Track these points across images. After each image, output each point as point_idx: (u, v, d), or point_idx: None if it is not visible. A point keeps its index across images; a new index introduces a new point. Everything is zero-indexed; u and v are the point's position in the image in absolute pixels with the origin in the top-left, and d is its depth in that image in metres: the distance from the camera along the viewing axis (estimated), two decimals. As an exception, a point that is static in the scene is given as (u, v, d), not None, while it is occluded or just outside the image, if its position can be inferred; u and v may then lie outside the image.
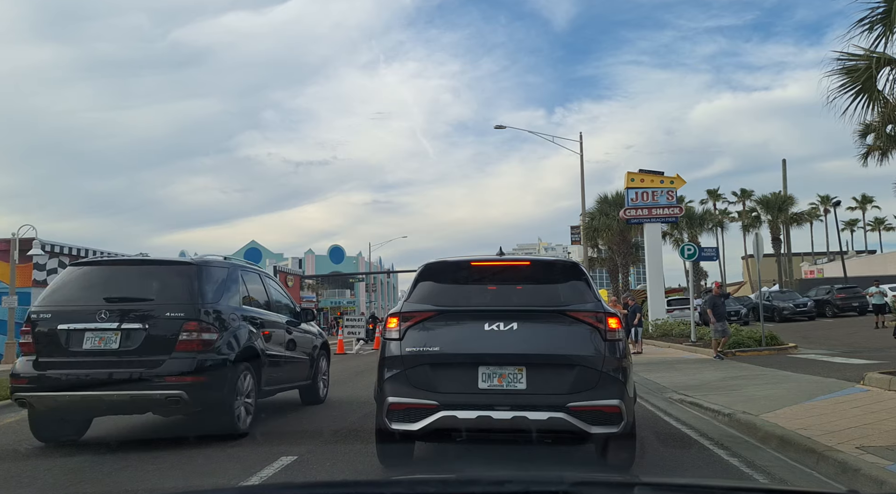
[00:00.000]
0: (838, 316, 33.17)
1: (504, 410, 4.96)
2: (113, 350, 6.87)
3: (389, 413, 5.14)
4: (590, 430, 4.92)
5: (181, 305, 7.05)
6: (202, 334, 6.99)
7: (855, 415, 7.29)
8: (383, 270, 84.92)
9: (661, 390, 10.97)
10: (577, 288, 5.53)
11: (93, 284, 7.38)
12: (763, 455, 6.13)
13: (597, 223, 40.19)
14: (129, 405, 7.02)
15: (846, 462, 5.19)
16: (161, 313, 7.00)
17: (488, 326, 5.16)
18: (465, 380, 5.09)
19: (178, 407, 6.97)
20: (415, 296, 5.56)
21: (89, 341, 6.91)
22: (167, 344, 6.88)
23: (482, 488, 1.91)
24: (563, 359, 5.10)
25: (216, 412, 7.14)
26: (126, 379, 6.78)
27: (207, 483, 5.54)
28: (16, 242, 27.06)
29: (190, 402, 6.80)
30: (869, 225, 75.96)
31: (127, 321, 6.91)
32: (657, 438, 7.22)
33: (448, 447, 6.25)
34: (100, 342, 6.90)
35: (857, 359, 14.20)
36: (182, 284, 7.31)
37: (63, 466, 6.27)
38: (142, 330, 6.90)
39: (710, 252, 24.56)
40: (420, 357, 5.16)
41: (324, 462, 6.19)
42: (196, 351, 6.92)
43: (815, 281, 50.61)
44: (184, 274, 7.43)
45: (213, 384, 6.99)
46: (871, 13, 9.09)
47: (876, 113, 10.10)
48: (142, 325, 6.90)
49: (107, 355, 6.86)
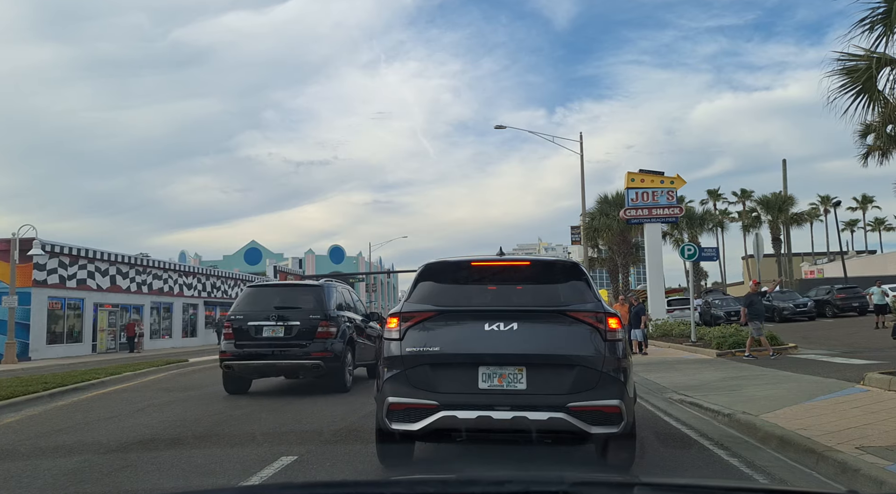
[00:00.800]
0: (838, 317, 33.13)
1: (504, 410, 4.96)
2: (280, 337, 11.31)
3: (389, 413, 5.13)
4: (590, 430, 4.90)
5: (317, 310, 11.44)
6: (329, 328, 11.36)
7: (855, 415, 7.29)
8: (383, 270, 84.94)
9: (661, 390, 10.97)
10: (578, 289, 5.53)
11: (266, 298, 12.04)
12: (763, 456, 6.13)
13: (597, 223, 40.20)
14: (288, 369, 11.54)
15: (846, 463, 5.18)
16: (306, 315, 11.37)
17: (488, 326, 5.16)
18: (465, 380, 5.08)
19: (316, 371, 11.27)
20: (415, 296, 5.57)
21: (266, 331, 11.36)
22: (310, 334, 11.26)
23: (482, 488, 1.91)
24: (563, 359, 5.08)
25: (336, 375, 11.32)
26: (288, 354, 11.24)
27: (207, 483, 5.53)
28: (16, 242, 27.05)
29: (324, 368, 11.16)
30: (869, 225, 76.00)
31: (287, 320, 11.36)
32: (657, 438, 7.22)
33: (448, 447, 6.25)
34: (272, 332, 11.35)
35: (857, 360, 14.20)
36: (315, 297, 11.71)
37: (63, 466, 6.28)
38: (296, 325, 11.31)
39: (711, 252, 24.55)
40: (420, 357, 5.15)
41: (324, 462, 6.20)
42: (326, 338, 11.31)
43: (815, 281, 50.58)
44: (315, 291, 11.99)
45: (335, 358, 11.28)
46: (871, 13, 9.09)
47: (876, 113, 10.10)
48: (296, 322, 11.32)
49: (276, 340, 11.30)
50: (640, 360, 15.96)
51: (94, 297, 34.96)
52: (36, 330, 30.61)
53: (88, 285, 34.64)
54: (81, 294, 34.08)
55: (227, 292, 50.09)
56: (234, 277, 51.94)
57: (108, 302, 35.98)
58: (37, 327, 30.71)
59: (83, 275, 34.35)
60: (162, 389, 13.28)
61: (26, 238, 27.38)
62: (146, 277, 39.91)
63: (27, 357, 29.05)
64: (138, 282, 38.86)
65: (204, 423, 8.65)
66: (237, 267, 64.32)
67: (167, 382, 14.92)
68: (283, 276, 61.14)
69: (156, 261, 41.48)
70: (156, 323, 41.17)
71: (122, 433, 8.02)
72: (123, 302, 37.34)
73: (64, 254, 33.03)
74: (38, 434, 8.31)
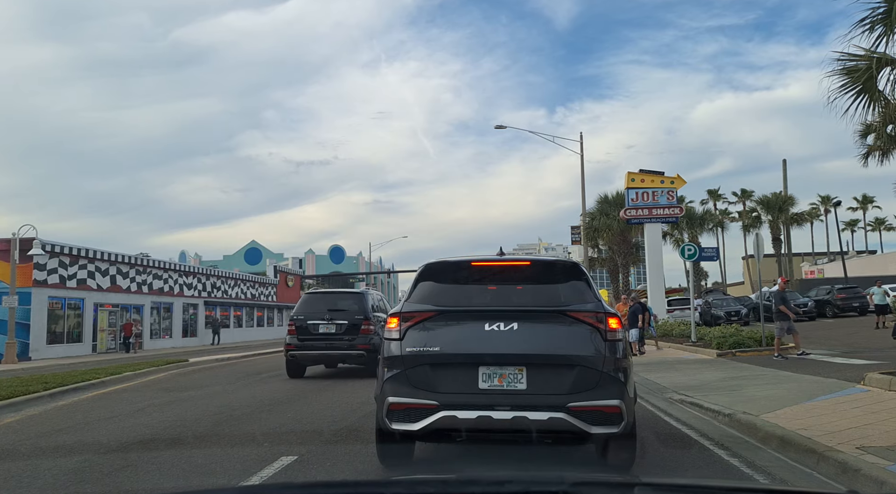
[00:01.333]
0: (838, 317, 33.08)
1: (504, 410, 4.95)
2: (332, 332, 14.39)
3: (390, 413, 5.12)
4: (590, 430, 4.89)
5: (360, 312, 14.52)
6: (370, 326, 14.23)
7: (855, 416, 7.29)
8: (383, 270, 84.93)
9: (662, 390, 10.97)
10: (578, 289, 5.52)
11: (320, 302, 15.21)
12: (763, 456, 6.13)
13: (597, 223, 40.16)
14: (338, 358, 14.78)
15: (846, 463, 5.18)
16: (351, 316, 14.43)
17: (488, 326, 5.15)
18: (465, 380, 5.07)
19: (360, 360, 14.13)
20: (415, 296, 5.56)
21: (321, 328, 14.42)
22: (355, 330, 14.24)
23: (482, 488, 1.90)
24: (563, 359, 5.07)
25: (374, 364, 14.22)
26: (338, 346, 14.36)
27: (208, 483, 5.53)
28: (16, 242, 27.03)
29: (366, 357, 13.71)
30: (869, 225, 75.96)
31: (337, 319, 14.42)
32: (658, 438, 7.20)
33: (448, 447, 6.25)
34: (326, 329, 14.40)
35: (858, 360, 14.19)
36: (358, 302, 14.94)
37: (63, 466, 6.27)
38: (344, 323, 14.34)
39: (711, 252, 24.54)
40: (420, 357, 5.14)
41: (324, 462, 6.19)
42: (367, 334, 14.14)
43: (815, 281, 50.53)
44: (358, 297, 15.45)
45: (374, 350, 12.65)
46: (871, 13, 9.07)
47: (877, 113, 10.08)
48: (344, 321, 14.35)
49: (330, 335, 14.41)
50: (639, 360, 15.96)
51: (95, 297, 34.97)
52: (36, 330, 30.60)
53: (88, 285, 34.65)
54: (81, 294, 34.09)
55: (227, 292, 50.09)
56: (234, 277, 51.93)
57: (108, 302, 35.97)
58: (37, 327, 30.71)
59: (83, 275, 34.35)
60: (162, 389, 13.29)
61: (26, 238, 27.36)
62: (146, 277, 39.90)
63: (27, 357, 29.05)
64: (138, 282, 38.86)
65: (204, 423, 8.64)
66: (237, 267, 64.31)
67: (167, 382, 14.93)
68: (283, 276, 61.18)
69: (156, 261, 41.47)
70: (156, 323, 41.16)
71: (123, 433, 8.01)
72: (123, 302, 37.33)
73: (64, 254, 33.02)
74: (38, 434, 8.31)
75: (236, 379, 15.42)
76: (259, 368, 18.94)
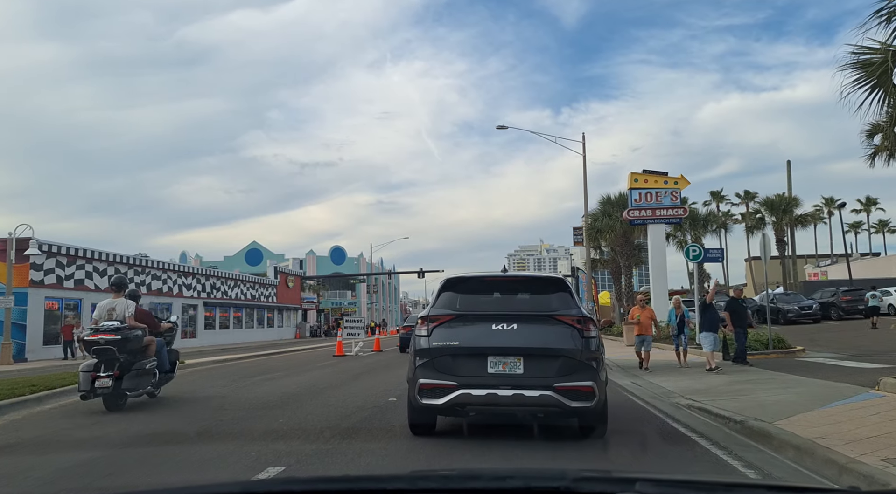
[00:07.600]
0: (843, 319, 32.82)
1: (507, 389, 6.45)
2: None
3: (420, 391, 6.65)
4: (570, 404, 6.41)
5: None
6: None
7: (875, 423, 6.95)
8: (384, 271, 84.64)
9: (668, 394, 10.64)
10: (563, 298, 7.05)
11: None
12: (781, 467, 5.79)
13: (600, 224, 39.75)
14: None
15: (872, 476, 4.83)
16: None
17: (495, 326, 6.69)
18: (477, 367, 6.60)
19: None
20: (439, 303, 7.10)
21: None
22: None
23: (484, 483, 1.87)
24: (551, 351, 6.58)
25: None
26: None
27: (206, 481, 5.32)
28: (12, 242, 26.71)
29: None
30: (873, 227, 75.49)
31: None
32: (666, 444, 7.00)
33: (452, 442, 6.96)
34: None
35: (868, 363, 13.87)
36: None
37: (63, 466, 6.25)
38: None
39: (716, 253, 24.23)
40: (443, 349, 6.68)
41: (324, 462, 6.12)
42: None
43: (818, 283, 50.19)
44: None
45: None
46: (888, 3, 8.72)
47: (885, 111, 9.75)
48: None
49: None
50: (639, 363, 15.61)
51: (92, 298, 34.56)
52: (32, 330, 30.29)
53: (86, 285, 34.35)
54: (79, 294, 33.78)
55: (227, 293, 49.79)
56: (233, 278, 51.60)
57: (106, 302, 35.62)
58: (33, 328, 30.40)
59: (81, 276, 34.06)
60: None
61: (23, 237, 27.06)
62: (145, 277, 39.62)
63: (23, 358, 28.75)
64: (137, 283, 38.49)
65: (203, 424, 8.56)
66: (238, 267, 63.95)
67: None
68: (283, 277, 60.84)
69: (154, 262, 41.19)
70: (155, 324, 40.81)
71: (122, 433, 7.96)
72: (122, 302, 36.96)
73: (61, 254, 32.73)
74: (37, 433, 8.24)
75: (238, 378, 15.26)
76: (252, 371, 18.63)
